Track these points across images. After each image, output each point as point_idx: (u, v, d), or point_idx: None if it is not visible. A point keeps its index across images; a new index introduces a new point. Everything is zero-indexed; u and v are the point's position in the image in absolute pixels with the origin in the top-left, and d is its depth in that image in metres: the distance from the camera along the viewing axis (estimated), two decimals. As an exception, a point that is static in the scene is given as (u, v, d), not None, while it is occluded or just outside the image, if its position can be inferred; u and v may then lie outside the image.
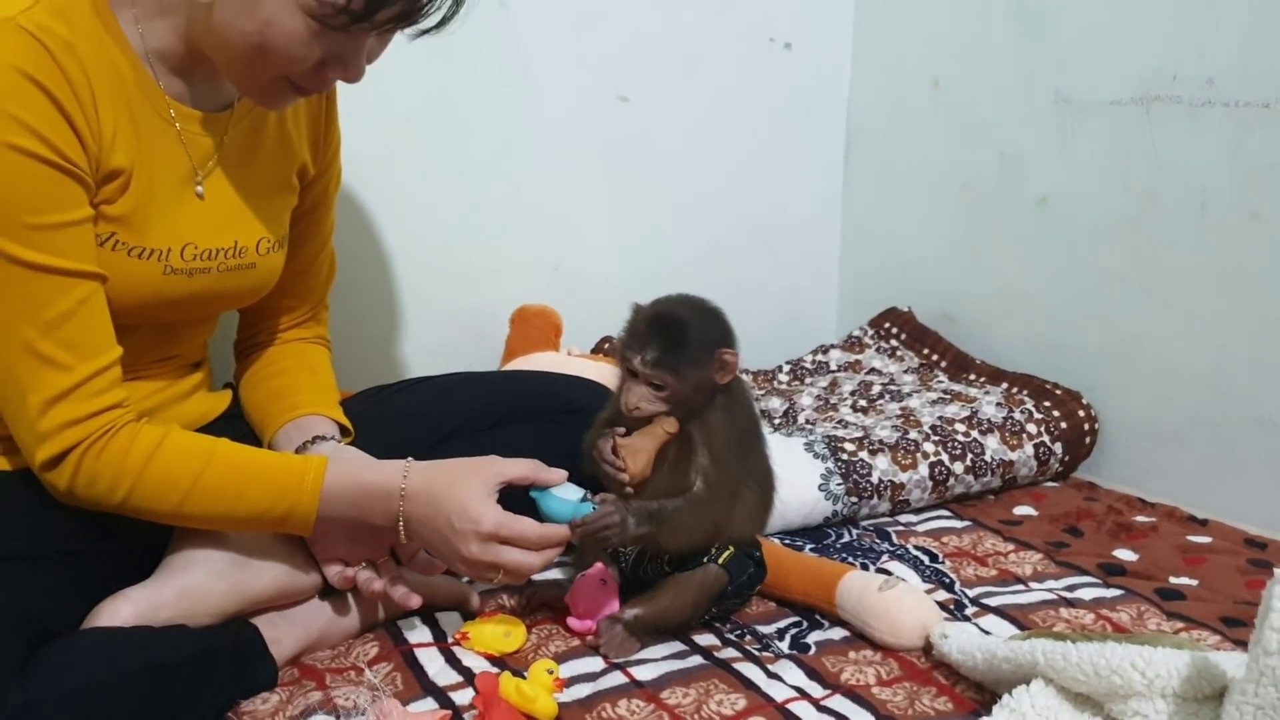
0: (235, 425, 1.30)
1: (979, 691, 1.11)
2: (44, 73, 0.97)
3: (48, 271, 1.00)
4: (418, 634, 1.21)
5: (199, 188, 1.15)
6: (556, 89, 1.84)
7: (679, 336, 1.15)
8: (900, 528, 1.54)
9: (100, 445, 1.03)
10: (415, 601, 1.18)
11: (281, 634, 1.15)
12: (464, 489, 1.10)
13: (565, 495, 1.13)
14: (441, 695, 1.09)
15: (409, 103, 1.67)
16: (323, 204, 1.34)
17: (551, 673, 1.09)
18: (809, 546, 1.45)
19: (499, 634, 1.19)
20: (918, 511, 1.60)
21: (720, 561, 1.21)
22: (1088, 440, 1.72)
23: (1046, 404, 1.72)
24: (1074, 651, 0.97)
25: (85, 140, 1.02)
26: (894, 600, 1.20)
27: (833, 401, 1.81)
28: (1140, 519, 1.55)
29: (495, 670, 1.12)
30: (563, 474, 1.15)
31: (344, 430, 1.28)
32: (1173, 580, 1.36)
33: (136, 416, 1.07)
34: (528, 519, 1.11)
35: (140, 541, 1.13)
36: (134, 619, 1.05)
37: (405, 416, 1.36)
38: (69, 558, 1.07)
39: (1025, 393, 1.76)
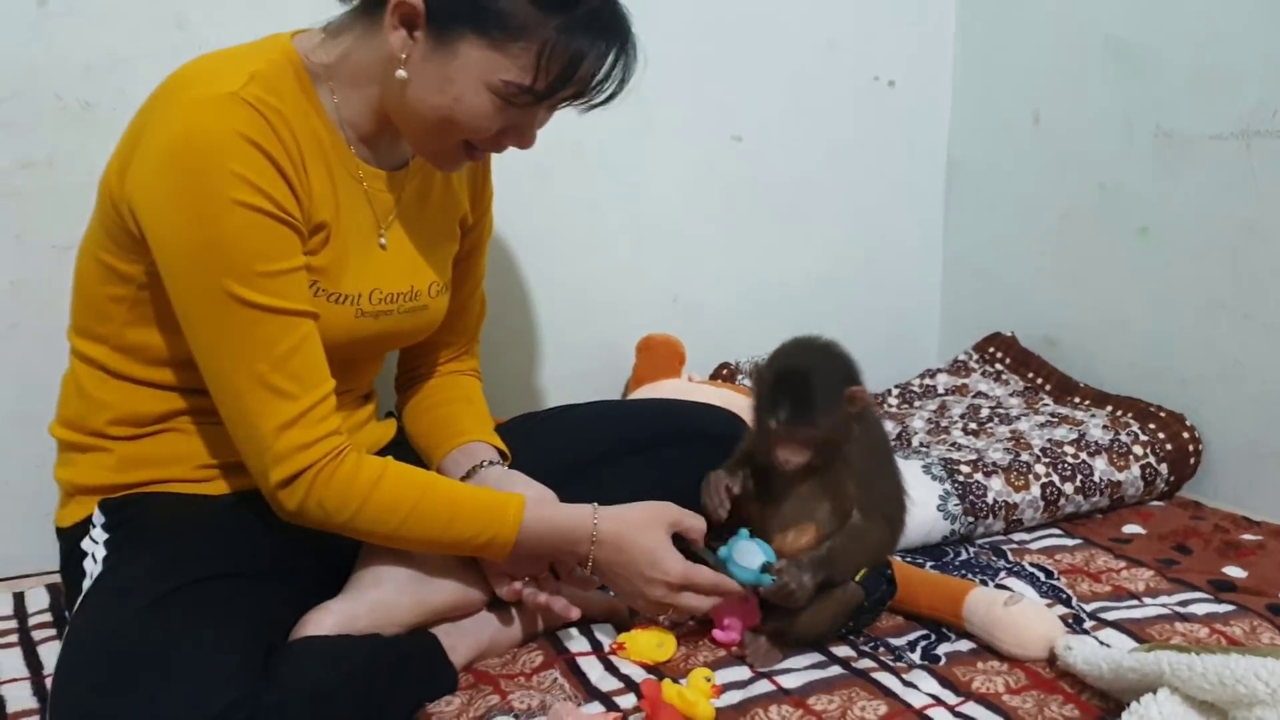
0: (401, 450, 1.43)
1: (1104, 700, 1.18)
2: (264, 138, 1.10)
3: (276, 312, 1.12)
4: (576, 643, 1.32)
5: (382, 240, 1.28)
6: (676, 132, 1.96)
7: (805, 391, 1.22)
8: (1014, 545, 1.62)
9: (331, 469, 1.14)
10: (575, 614, 1.29)
11: (456, 643, 1.26)
12: (651, 539, 1.25)
13: (749, 562, 1.26)
14: (605, 700, 1.20)
15: (546, 152, 1.78)
16: (477, 250, 1.47)
17: (709, 679, 1.19)
18: (929, 564, 1.54)
19: (653, 644, 1.30)
20: (1029, 530, 1.68)
21: (857, 579, 1.31)
22: (1192, 461, 1.79)
23: (1151, 426, 1.79)
24: (1199, 662, 1.05)
25: (299, 196, 1.15)
26: (1020, 614, 1.29)
27: (943, 424, 1.90)
28: (1247, 537, 1.62)
29: (655, 677, 1.23)
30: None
31: (502, 454, 1.40)
32: (1283, 596, 1.43)
33: (353, 442, 1.19)
34: (705, 569, 1.26)
35: (329, 561, 1.26)
36: (335, 629, 1.17)
37: (555, 442, 1.48)
38: (278, 575, 1.19)
39: (1130, 415, 1.83)
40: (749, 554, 1.27)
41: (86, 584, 1.16)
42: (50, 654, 1.31)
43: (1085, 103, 1.98)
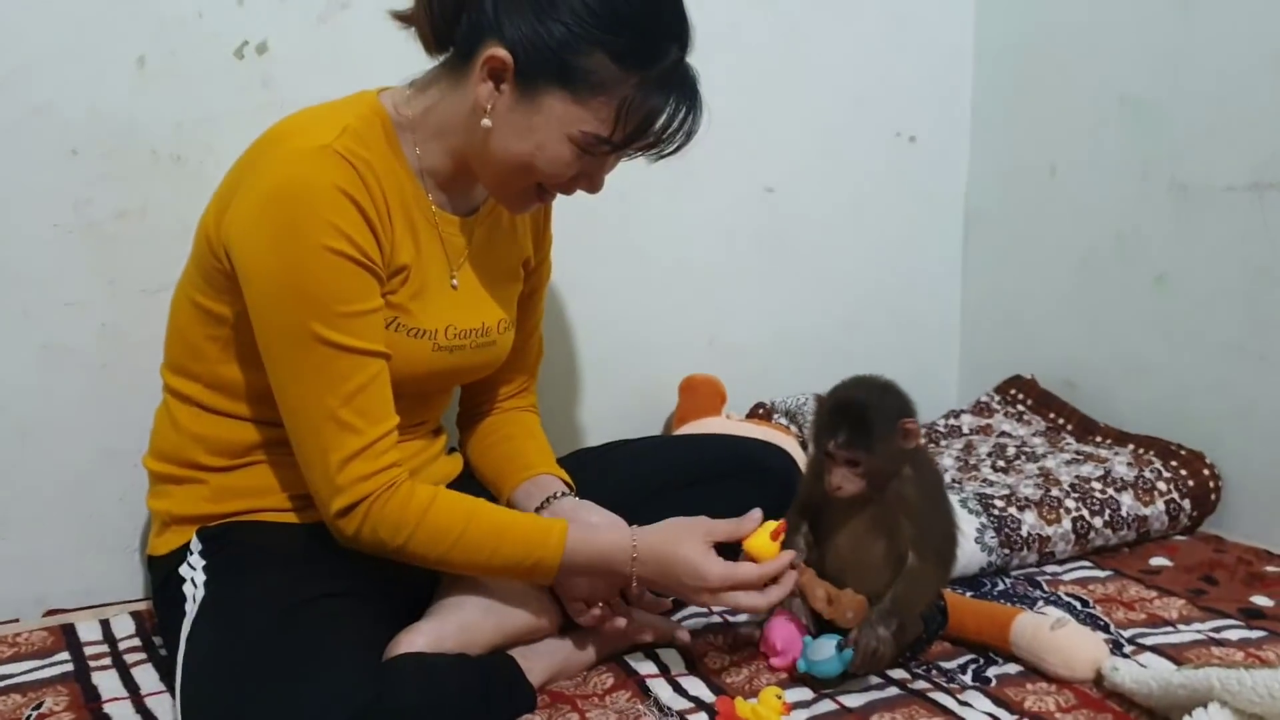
0: (468, 484, 1.51)
1: (1151, 717, 1.25)
2: (355, 189, 1.19)
3: (351, 351, 1.20)
4: (645, 666, 1.39)
5: (454, 280, 1.37)
6: (713, 183, 2.05)
7: (862, 416, 1.30)
8: (1048, 576, 1.69)
9: (386, 498, 1.22)
10: (649, 636, 1.37)
11: (532, 664, 1.33)
12: (688, 549, 1.29)
13: (824, 654, 1.30)
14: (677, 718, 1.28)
15: (592, 200, 1.88)
16: (538, 292, 1.56)
17: (779, 697, 1.26)
18: (969, 594, 1.61)
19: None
20: (1061, 562, 1.75)
21: (917, 613, 1.38)
22: (1213, 497, 1.87)
23: (1173, 463, 1.87)
24: (1249, 677, 1.12)
25: (381, 243, 1.24)
26: (1066, 637, 1.36)
27: (972, 462, 1.99)
28: (1270, 569, 1.69)
29: (728, 694, 1.30)
30: (756, 518, 1.32)
31: (568, 485, 1.47)
32: (1309, 623, 1.51)
33: (409, 474, 1.27)
34: (746, 565, 1.30)
35: (412, 585, 1.33)
36: (425, 648, 1.24)
37: (613, 476, 1.54)
38: (373, 595, 1.26)
39: (1152, 453, 1.92)
40: (822, 648, 1.30)
41: (189, 606, 1.23)
42: (144, 676, 1.38)
43: (1101, 156, 2.08)
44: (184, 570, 1.28)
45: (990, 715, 1.28)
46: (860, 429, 1.30)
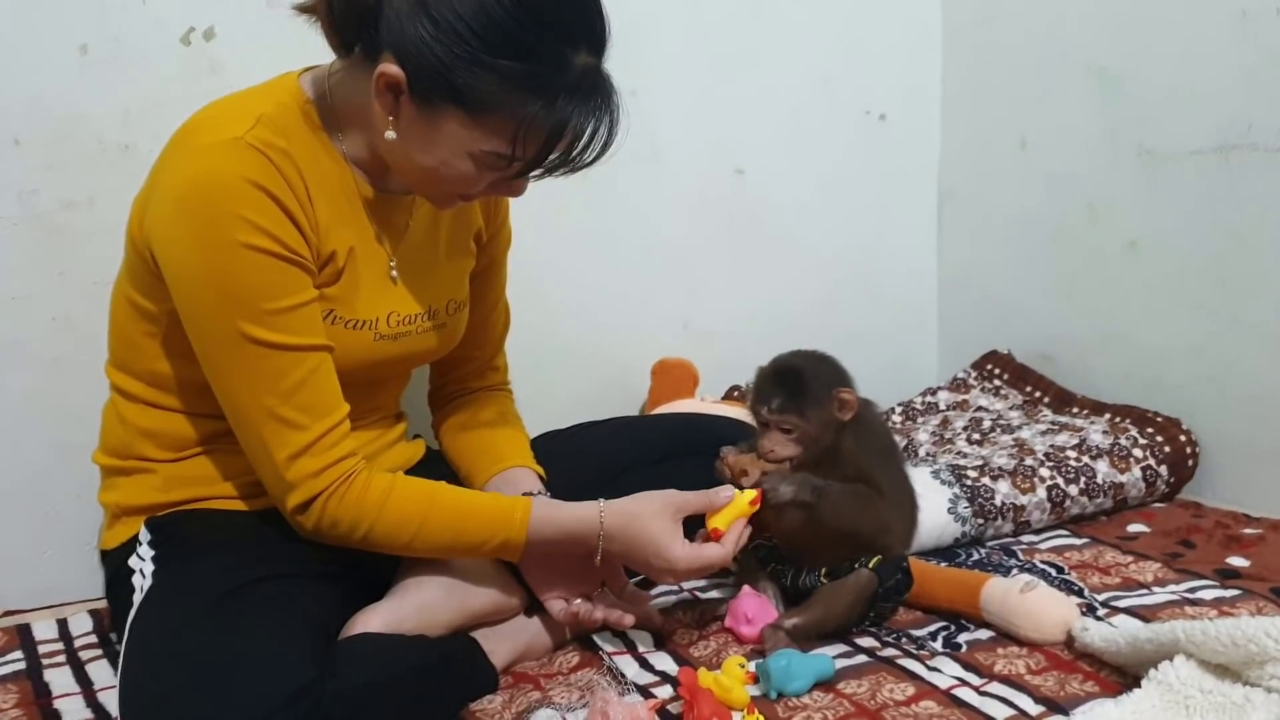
0: (432, 469, 1.48)
1: (1122, 676, 1.23)
2: (269, 181, 1.15)
3: (283, 349, 1.17)
4: (612, 644, 1.37)
5: (393, 271, 1.32)
6: (682, 165, 2.04)
7: (797, 383, 1.33)
8: (1024, 546, 1.67)
9: (341, 492, 1.19)
10: (629, 620, 1.34)
11: (495, 646, 1.31)
12: (656, 527, 1.27)
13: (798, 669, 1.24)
14: (643, 691, 1.25)
15: (559, 186, 1.85)
16: (497, 263, 1.52)
17: (743, 666, 1.24)
18: (943, 564, 1.59)
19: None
20: (1038, 532, 1.73)
21: (870, 566, 1.36)
22: (1190, 463, 1.85)
23: (1149, 430, 1.85)
24: (1212, 627, 1.11)
25: (306, 233, 1.19)
26: (1036, 600, 1.34)
27: (947, 436, 1.96)
28: (1248, 531, 1.67)
29: (692, 666, 1.28)
30: (730, 493, 1.32)
31: (540, 477, 1.44)
32: (1286, 580, 1.48)
33: (365, 463, 1.24)
34: (711, 546, 1.30)
35: (373, 565, 1.30)
36: (382, 629, 1.22)
37: (581, 456, 1.53)
38: (327, 577, 1.24)
39: (1128, 421, 1.90)
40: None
41: (137, 598, 1.20)
42: (98, 671, 1.36)
43: (1070, 126, 2.06)
44: (133, 562, 1.25)
45: (959, 679, 1.25)
46: (793, 394, 1.33)
